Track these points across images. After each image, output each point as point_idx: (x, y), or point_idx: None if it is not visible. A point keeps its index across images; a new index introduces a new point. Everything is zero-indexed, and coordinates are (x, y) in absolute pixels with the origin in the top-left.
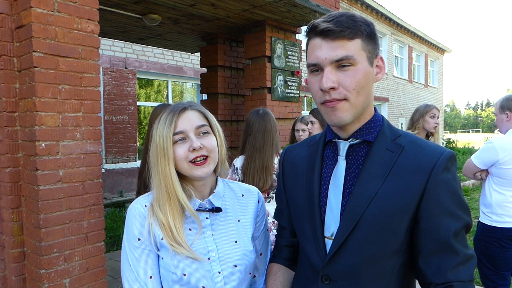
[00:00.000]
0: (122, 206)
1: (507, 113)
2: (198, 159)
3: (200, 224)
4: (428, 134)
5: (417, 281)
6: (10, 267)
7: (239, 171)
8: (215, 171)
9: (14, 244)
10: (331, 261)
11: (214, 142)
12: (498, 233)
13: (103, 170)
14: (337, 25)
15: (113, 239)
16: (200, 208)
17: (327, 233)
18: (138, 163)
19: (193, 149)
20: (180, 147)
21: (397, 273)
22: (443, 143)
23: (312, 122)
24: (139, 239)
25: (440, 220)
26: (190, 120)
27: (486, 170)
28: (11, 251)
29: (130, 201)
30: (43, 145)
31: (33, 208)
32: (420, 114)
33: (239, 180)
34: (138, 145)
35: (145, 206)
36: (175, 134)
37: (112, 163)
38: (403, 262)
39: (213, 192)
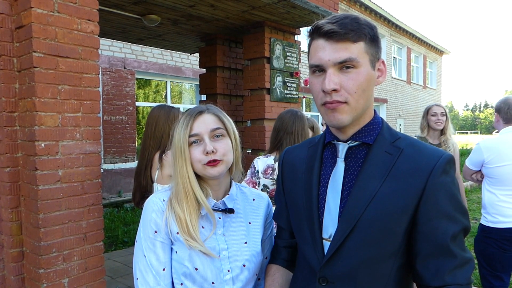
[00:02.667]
0: (120, 206)
1: (495, 114)
2: (211, 162)
3: (214, 221)
4: (442, 133)
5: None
6: (9, 266)
7: (261, 175)
8: (230, 172)
9: (13, 244)
10: (329, 262)
11: (229, 145)
12: (494, 234)
13: (101, 170)
14: (342, 27)
15: (112, 239)
16: (214, 208)
17: (325, 234)
18: (136, 163)
19: (207, 152)
20: (195, 149)
21: (394, 276)
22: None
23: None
24: (155, 232)
25: (438, 223)
26: (206, 123)
27: (480, 172)
28: (10, 250)
29: (129, 201)
30: (42, 145)
31: (32, 207)
32: (423, 115)
33: (258, 184)
34: (136, 145)
35: (163, 200)
36: (190, 136)
37: (111, 163)
38: (401, 265)
39: (228, 194)
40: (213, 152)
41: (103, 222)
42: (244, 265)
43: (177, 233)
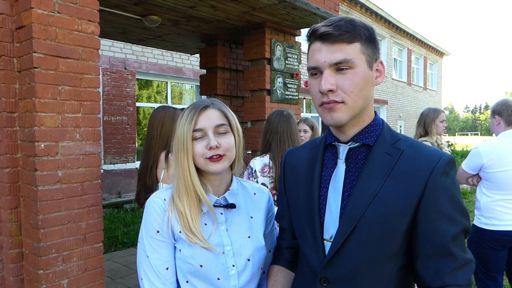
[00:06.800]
0: (120, 207)
1: (496, 117)
2: (214, 156)
3: (215, 218)
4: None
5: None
6: (8, 267)
7: (258, 174)
8: (231, 168)
9: (12, 245)
10: (330, 263)
11: (232, 141)
12: (487, 235)
13: (101, 171)
14: (336, 29)
15: (111, 240)
16: (216, 204)
17: (326, 235)
18: (136, 164)
19: (210, 148)
20: (198, 144)
21: (395, 276)
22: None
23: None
24: (158, 231)
25: (439, 224)
26: (210, 119)
27: (477, 175)
28: (9, 251)
29: (129, 202)
30: (42, 145)
31: (32, 208)
32: (431, 119)
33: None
34: (137, 146)
35: (164, 200)
36: (194, 131)
37: (111, 164)
38: (402, 266)
39: (229, 190)
40: (216, 147)
41: (103, 223)
42: (248, 260)
43: (180, 232)
